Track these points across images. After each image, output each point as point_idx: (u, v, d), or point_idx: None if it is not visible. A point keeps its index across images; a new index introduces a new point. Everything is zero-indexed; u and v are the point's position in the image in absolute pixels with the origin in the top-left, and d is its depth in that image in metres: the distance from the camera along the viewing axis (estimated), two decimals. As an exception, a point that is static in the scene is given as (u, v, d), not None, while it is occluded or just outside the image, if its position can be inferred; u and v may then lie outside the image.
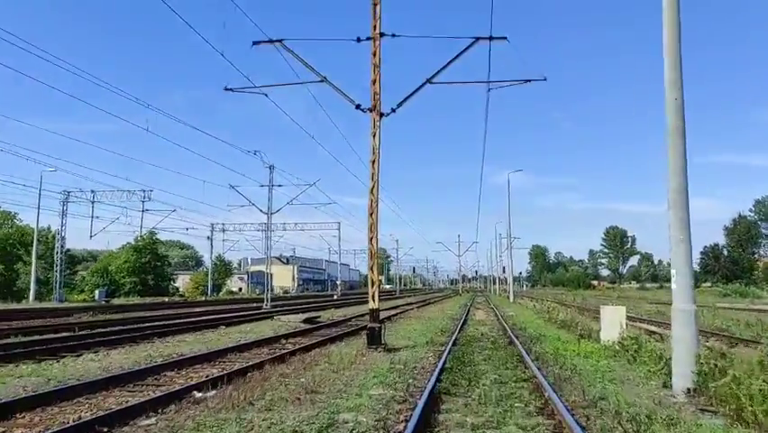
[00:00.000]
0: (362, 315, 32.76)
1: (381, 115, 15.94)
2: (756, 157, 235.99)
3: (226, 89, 17.29)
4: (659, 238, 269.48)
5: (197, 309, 38.09)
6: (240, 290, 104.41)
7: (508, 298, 57.77)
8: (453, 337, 17.85)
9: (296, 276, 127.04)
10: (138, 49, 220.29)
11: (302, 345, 15.85)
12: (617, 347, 13.91)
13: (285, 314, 29.87)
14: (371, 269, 15.85)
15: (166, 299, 60.36)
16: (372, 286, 15.85)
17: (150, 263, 69.92)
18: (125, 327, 22.13)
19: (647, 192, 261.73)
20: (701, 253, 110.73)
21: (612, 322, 15.28)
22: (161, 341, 17.59)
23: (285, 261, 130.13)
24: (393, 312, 33.39)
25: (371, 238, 15.74)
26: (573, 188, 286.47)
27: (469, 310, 36.63)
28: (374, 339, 15.15)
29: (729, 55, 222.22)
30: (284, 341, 17.67)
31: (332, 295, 75.29)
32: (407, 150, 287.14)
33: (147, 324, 24.55)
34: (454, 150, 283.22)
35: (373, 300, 15.70)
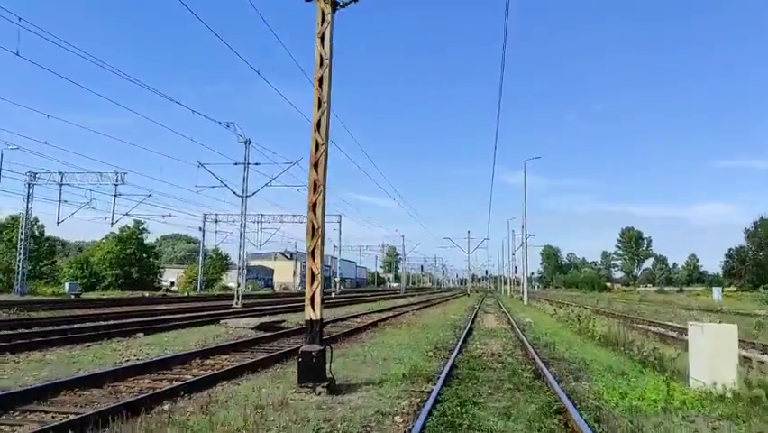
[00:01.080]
0: (349, 318, 26.73)
1: (336, 5, 9.71)
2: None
3: None
4: (673, 241, 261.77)
5: (161, 307, 32.14)
6: (238, 285, 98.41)
7: (522, 300, 51.37)
8: (450, 362, 11.62)
9: (299, 272, 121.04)
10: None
11: (196, 378, 9.67)
12: (739, 399, 7.64)
13: (246, 316, 23.78)
14: (312, 254, 9.58)
15: (146, 294, 54.55)
16: (313, 282, 9.58)
17: (135, 255, 64.21)
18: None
19: (660, 194, 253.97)
20: (726, 255, 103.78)
21: (716, 352, 8.87)
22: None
23: (289, 256, 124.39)
24: (383, 315, 27.24)
25: (314, 204, 9.52)
26: (585, 190, 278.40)
27: (476, 315, 30.35)
28: (310, 373, 8.94)
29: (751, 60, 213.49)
30: (180, 367, 11.46)
31: (330, 293, 69.22)
32: (417, 145, 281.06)
33: (62, 326, 18.80)
34: (466, 146, 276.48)
35: (312, 306, 9.47)
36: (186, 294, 59.12)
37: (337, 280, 72.73)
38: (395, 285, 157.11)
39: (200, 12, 32.39)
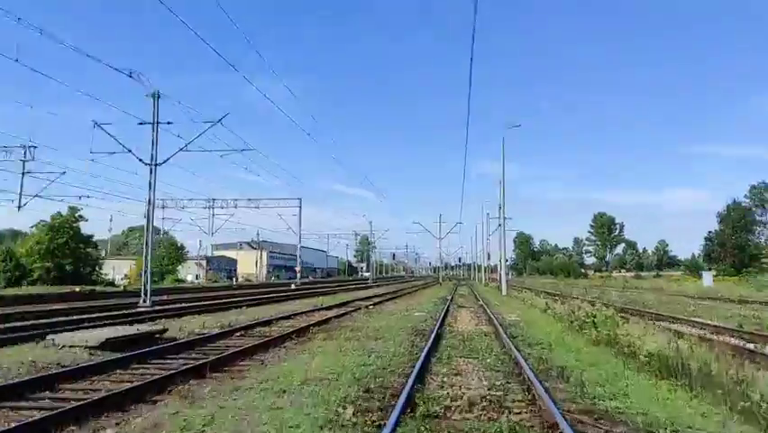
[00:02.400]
0: (277, 319, 19.92)
1: None
2: (745, 147, 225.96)
3: None
4: (643, 227, 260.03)
5: (52, 307, 24.86)
6: (197, 277, 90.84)
7: (499, 289, 45.07)
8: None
9: (265, 262, 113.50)
10: None
11: None
12: None
13: (121, 324, 16.90)
14: None
15: (77, 289, 46.83)
16: None
17: (69, 245, 56.24)
18: None
19: (631, 181, 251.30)
20: (705, 239, 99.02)
21: None
22: None
23: (255, 246, 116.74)
24: (327, 315, 20.44)
25: None
26: (558, 178, 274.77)
27: (447, 310, 23.74)
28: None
29: (720, 47, 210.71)
30: None
31: (291, 284, 62.22)
32: (389, 135, 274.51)
33: None
34: (438, 135, 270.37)
35: None
36: (122, 288, 51.51)
37: (298, 269, 65.53)
38: (367, 274, 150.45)
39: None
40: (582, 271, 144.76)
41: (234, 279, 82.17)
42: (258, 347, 12.47)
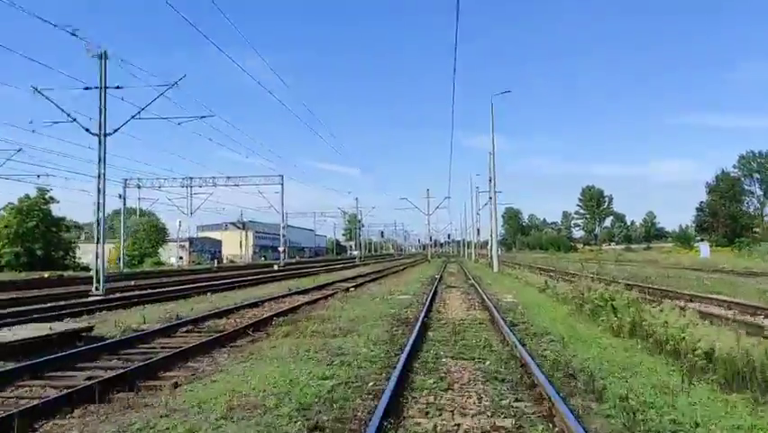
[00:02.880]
0: (241, 308, 17.33)
1: None
2: (732, 117, 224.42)
3: None
4: (630, 199, 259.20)
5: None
6: (180, 259, 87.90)
7: (490, 265, 42.71)
8: None
9: (251, 243, 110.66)
10: None
11: None
12: None
13: (51, 319, 14.26)
14: None
15: (46, 275, 43.91)
16: None
17: (39, 229, 53.13)
18: None
19: (618, 153, 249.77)
20: (697, 209, 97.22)
21: None
22: None
23: (241, 226, 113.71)
24: (299, 301, 17.90)
25: None
26: (547, 152, 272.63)
27: (435, 291, 21.28)
28: None
29: (703, 17, 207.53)
30: None
31: (273, 265, 59.60)
32: (374, 110, 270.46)
33: None
34: (424, 109, 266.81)
35: None
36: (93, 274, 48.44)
37: (282, 250, 62.83)
38: (355, 253, 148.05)
39: None
40: (572, 244, 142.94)
41: (216, 261, 79.35)
42: (199, 349, 9.89)
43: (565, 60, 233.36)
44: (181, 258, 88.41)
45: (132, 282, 33.81)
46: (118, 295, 21.39)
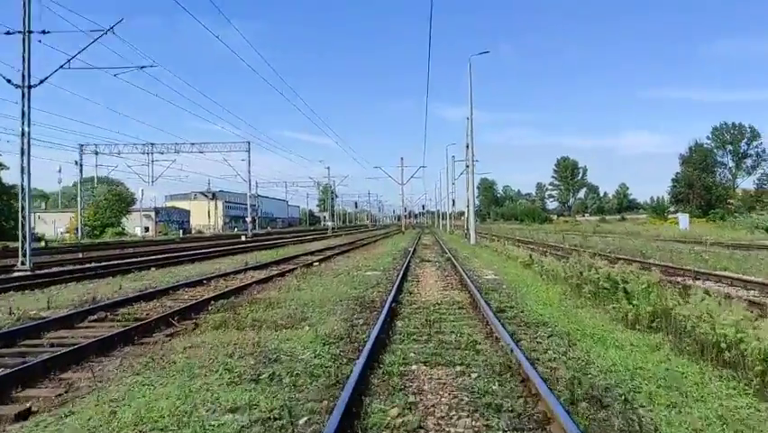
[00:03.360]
0: (202, 281, 14.83)
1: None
2: (700, 92, 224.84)
3: None
4: (603, 171, 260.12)
5: None
6: (147, 230, 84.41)
7: (467, 236, 40.58)
8: None
9: (221, 213, 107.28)
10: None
11: None
12: None
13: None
14: None
15: (-9, 247, 40.60)
16: None
17: (-15, 197, 49.56)
18: None
19: (592, 125, 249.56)
20: (672, 180, 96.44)
21: None
22: None
23: (211, 196, 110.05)
24: (259, 275, 15.46)
25: None
26: (522, 123, 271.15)
27: (408, 265, 19.03)
28: None
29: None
30: None
31: (241, 235, 56.81)
32: (348, 80, 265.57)
33: None
34: (398, 80, 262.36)
35: None
36: (43, 245, 45.37)
37: (249, 220, 59.95)
38: (330, 224, 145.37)
39: None
40: (546, 216, 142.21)
41: (182, 231, 76.23)
42: (95, 348, 7.44)
43: (539, 34, 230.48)
44: (147, 228, 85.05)
45: (81, 255, 30.94)
46: (45, 271, 18.66)
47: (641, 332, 7.90)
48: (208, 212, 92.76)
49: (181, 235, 65.86)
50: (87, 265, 21.11)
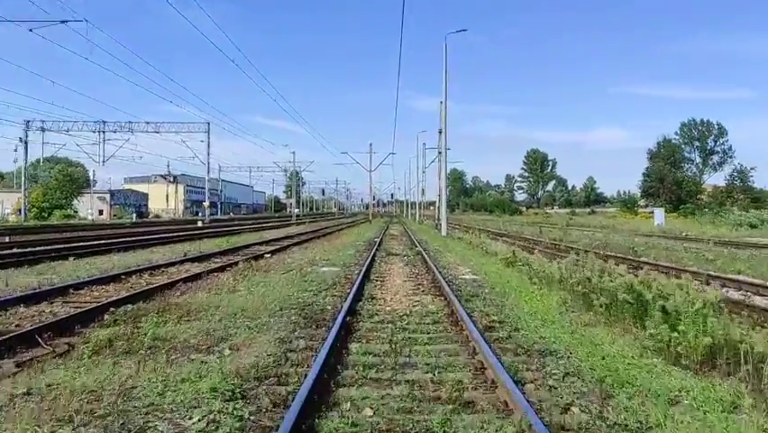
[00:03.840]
0: (119, 276, 12.00)
1: None
2: (668, 89, 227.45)
3: None
4: (571, 165, 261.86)
5: None
6: (101, 213, 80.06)
7: (437, 228, 38.28)
8: None
9: (181, 197, 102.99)
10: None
11: None
12: None
13: None
14: None
15: None
16: None
17: None
18: None
19: (562, 120, 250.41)
20: (644, 175, 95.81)
21: None
22: None
23: (172, 179, 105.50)
24: (191, 270, 12.74)
25: None
26: (490, 116, 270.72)
27: (372, 261, 16.54)
28: None
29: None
30: None
31: (197, 222, 53.46)
32: (321, 68, 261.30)
33: None
34: (370, 68, 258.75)
35: None
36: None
37: (207, 204, 56.58)
38: (295, 211, 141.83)
39: None
40: (516, 207, 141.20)
41: (135, 215, 72.31)
42: None
43: (513, 26, 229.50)
44: (101, 212, 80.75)
45: (7, 239, 27.57)
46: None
47: (695, 373, 5.54)
48: (167, 196, 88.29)
49: (134, 220, 62.06)
50: (19, 250, 18.07)
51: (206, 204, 55.85)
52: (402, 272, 14.38)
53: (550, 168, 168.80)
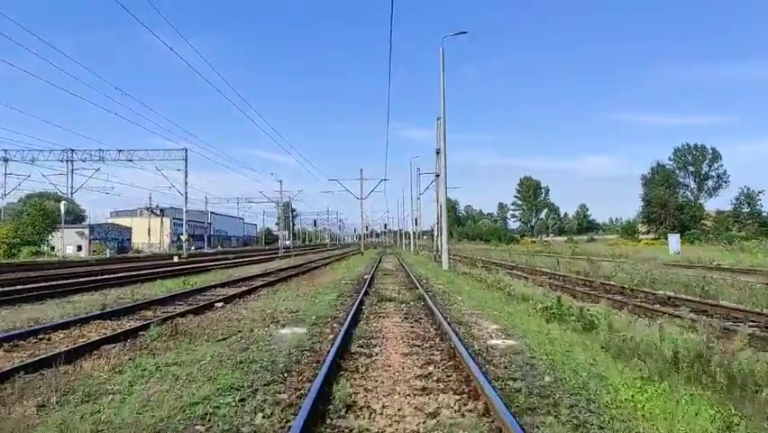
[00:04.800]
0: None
1: None
2: (652, 115, 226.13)
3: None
4: (561, 193, 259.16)
5: None
6: (79, 249, 74.78)
7: (436, 259, 33.43)
8: None
9: (167, 230, 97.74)
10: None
11: None
12: None
13: None
14: None
15: None
16: None
17: None
18: None
19: (552, 148, 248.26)
20: (644, 200, 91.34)
21: None
22: None
23: (159, 212, 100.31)
24: (89, 337, 7.81)
25: None
26: (483, 145, 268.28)
27: (357, 316, 11.67)
28: None
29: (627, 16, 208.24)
30: None
31: (173, 256, 48.38)
32: (311, 100, 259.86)
33: None
34: (360, 98, 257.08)
35: None
36: None
37: (185, 238, 51.50)
38: (287, 243, 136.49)
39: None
40: (512, 236, 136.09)
41: (108, 251, 67.11)
42: None
43: (501, 58, 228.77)
44: (80, 247, 75.46)
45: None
46: None
47: None
48: (149, 229, 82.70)
49: (108, 255, 56.91)
50: None
51: (184, 237, 50.78)
52: (401, 335, 9.46)
53: (543, 195, 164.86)
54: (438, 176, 30.24)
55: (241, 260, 44.76)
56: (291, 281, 21.52)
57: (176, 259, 43.26)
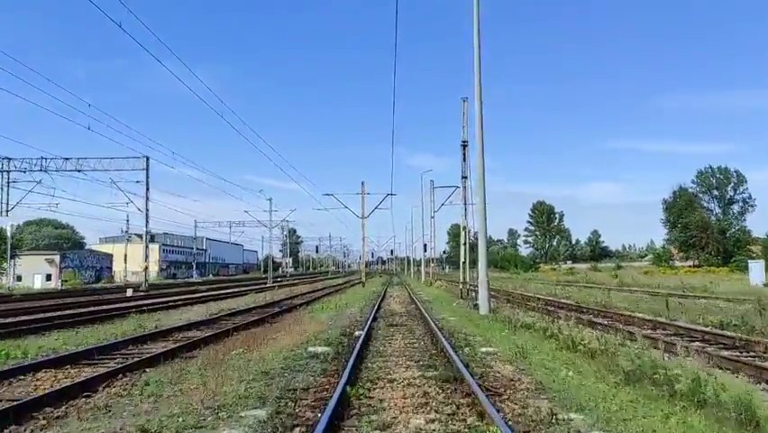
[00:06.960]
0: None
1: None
2: (656, 143, 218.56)
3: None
4: (577, 217, 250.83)
5: None
6: (48, 278, 65.92)
7: (462, 295, 24.16)
8: None
9: (156, 258, 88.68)
10: None
11: None
12: None
13: None
14: None
15: None
16: None
17: None
18: None
19: (559, 175, 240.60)
20: (681, 226, 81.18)
21: None
22: None
23: (150, 238, 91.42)
24: None
25: None
26: (491, 172, 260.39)
27: None
28: None
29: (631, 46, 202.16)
30: None
31: (139, 286, 39.26)
32: (316, 125, 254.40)
33: None
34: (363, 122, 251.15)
35: None
36: None
37: (142, 265, 42.25)
38: (290, 270, 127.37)
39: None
40: (531, 263, 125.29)
41: (80, 280, 58.25)
42: None
43: (503, 87, 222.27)
44: (49, 276, 66.51)
45: None
46: None
47: None
48: (125, 256, 73.47)
49: (77, 286, 47.90)
50: None
51: (143, 265, 41.45)
52: None
53: (557, 221, 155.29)
54: (465, 177, 21.08)
55: (225, 290, 36.07)
56: (268, 327, 12.26)
57: (129, 293, 34.19)
